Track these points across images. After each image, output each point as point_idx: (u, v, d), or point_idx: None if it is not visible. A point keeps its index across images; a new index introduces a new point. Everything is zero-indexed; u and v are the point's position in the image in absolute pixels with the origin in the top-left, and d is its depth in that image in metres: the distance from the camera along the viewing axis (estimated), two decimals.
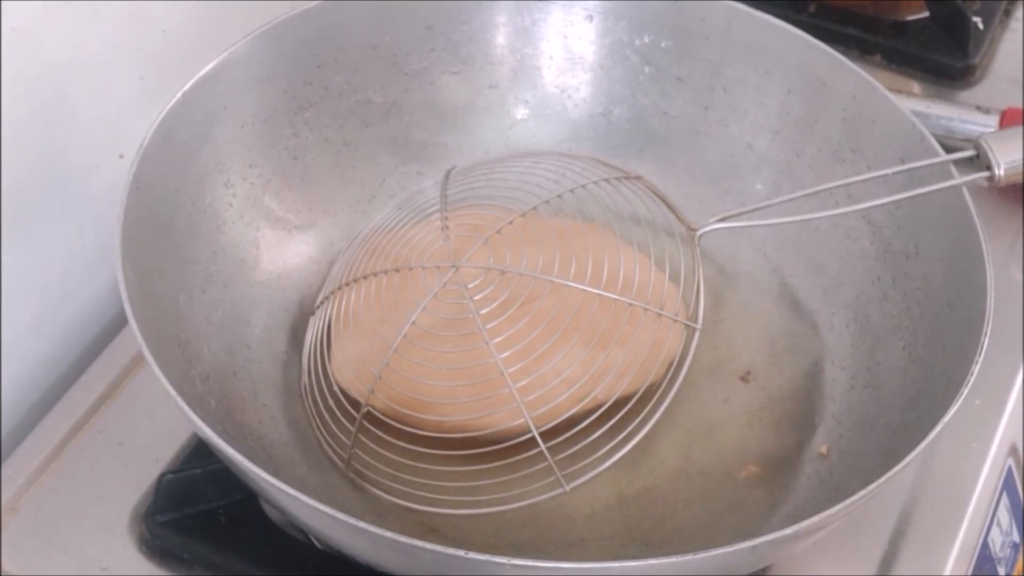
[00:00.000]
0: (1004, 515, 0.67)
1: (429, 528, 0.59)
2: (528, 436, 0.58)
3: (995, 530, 0.66)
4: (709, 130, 0.71)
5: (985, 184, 0.58)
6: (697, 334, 0.60)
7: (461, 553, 0.47)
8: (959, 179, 0.59)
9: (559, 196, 0.62)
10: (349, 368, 0.62)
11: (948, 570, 0.62)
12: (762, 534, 0.49)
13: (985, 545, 0.65)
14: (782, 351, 0.67)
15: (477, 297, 0.60)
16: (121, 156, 0.69)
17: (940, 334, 0.60)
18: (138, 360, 0.67)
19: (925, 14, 0.87)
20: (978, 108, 0.79)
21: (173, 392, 0.51)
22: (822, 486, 0.60)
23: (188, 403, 0.51)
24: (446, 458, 0.59)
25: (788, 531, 0.49)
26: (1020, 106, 0.79)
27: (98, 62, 0.67)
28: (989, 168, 0.57)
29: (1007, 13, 0.90)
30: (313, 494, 0.49)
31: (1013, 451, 0.68)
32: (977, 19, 0.85)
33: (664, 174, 0.72)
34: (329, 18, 0.68)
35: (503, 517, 0.59)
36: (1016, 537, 0.69)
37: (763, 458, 0.62)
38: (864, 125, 0.67)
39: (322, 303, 0.65)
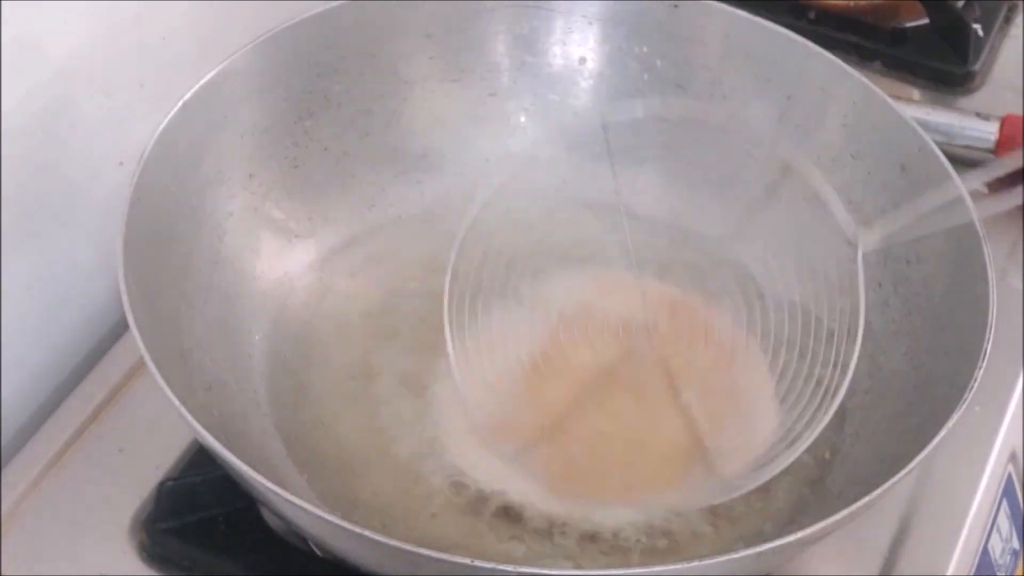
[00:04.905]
0: (1004, 522, 0.67)
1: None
2: None
3: (995, 537, 0.66)
4: (708, 137, 0.71)
5: None
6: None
7: (467, 561, 0.47)
8: None
9: None
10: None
11: None
12: (766, 541, 0.49)
13: (985, 552, 0.65)
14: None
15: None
16: (121, 163, 0.69)
17: (942, 340, 0.60)
18: (138, 367, 0.67)
19: (925, 21, 0.87)
20: (978, 115, 0.79)
21: (177, 403, 0.51)
22: (825, 491, 0.60)
23: (192, 413, 0.51)
24: None
25: (792, 538, 0.49)
26: (1020, 113, 0.79)
27: (98, 69, 0.67)
28: None
29: (1007, 20, 0.90)
30: (316, 504, 0.49)
31: (1013, 458, 0.68)
32: (977, 26, 0.85)
33: (663, 182, 0.72)
34: (329, 27, 0.68)
35: None
36: (1016, 544, 0.69)
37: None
38: (864, 131, 0.67)
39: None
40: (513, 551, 0.58)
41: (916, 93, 0.84)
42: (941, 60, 0.85)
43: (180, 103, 0.62)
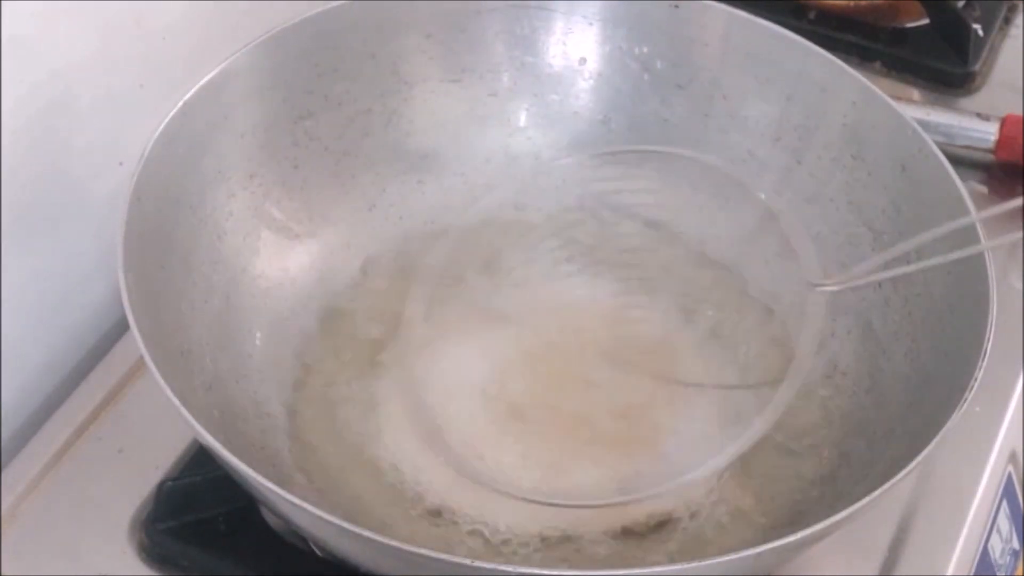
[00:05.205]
0: (1004, 522, 0.67)
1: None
2: None
3: (995, 537, 0.66)
4: (709, 137, 0.71)
5: None
6: None
7: (467, 561, 0.47)
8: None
9: None
10: None
11: None
12: (765, 541, 0.49)
13: (985, 552, 0.65)
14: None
15: None
16: (121, 163, 0.69)
17: (942, 340, 0.60)
18: (138, 367, 0.67)
19: (925, 21, 0.87)
20: (978, 115, 0.79)
21: (177, 403, 0.51)
22: (824, 492, 0.60)
23: (192, 413, 0.51)
24: None
25: (792, 539, 0.49)
26: (1020, 113, 0.79)
27: (98, 70, 0.67)
28: None
29: (1007, 20, 0.90)
30: (316, 504, 0.49)
31: (1013, 458, 0.68)
32: (977, 26, 0.85)
33: (663, 182, 0.72)
34: (329, 27, 0.68)
35: None
36: (1016, 544, 0.69)
37: (763, 464, 0.62)
38: (864, 131, 0.67)
39: None
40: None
41: (916, 93, 0.84)
42: (941, 60, 0.85)
43: (180, 103, 0.62)
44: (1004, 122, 0.78)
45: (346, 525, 0.48)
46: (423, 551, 0.47)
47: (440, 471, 0.61)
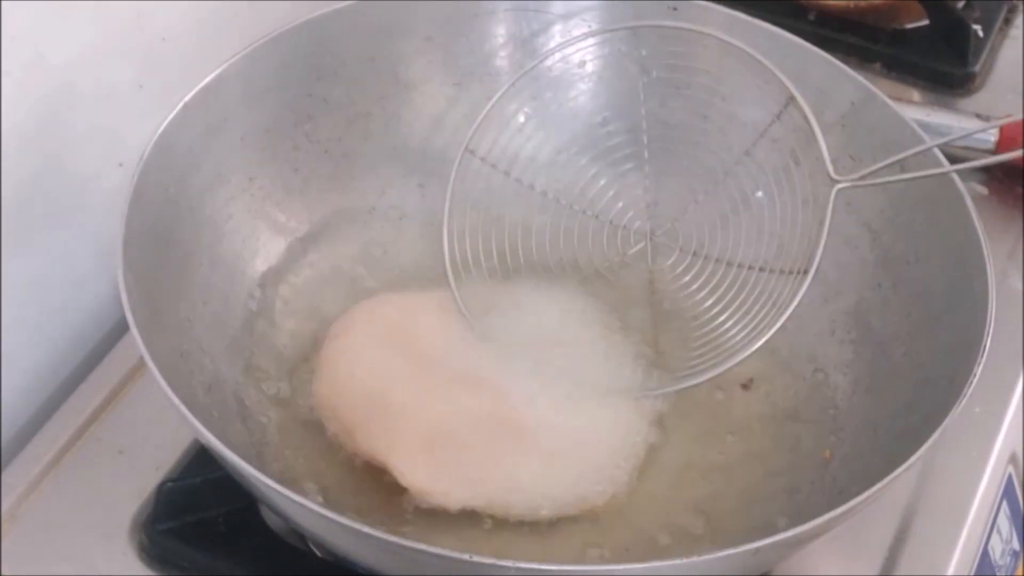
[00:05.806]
0: (1004, 523, 0.67)
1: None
2: None
3: (995, 538, 0.66)
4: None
5: None
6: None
7: (465, 557, 0.47)
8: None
9: None
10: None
11: None
12: (765, 537, 0.49)
13: (985, 553, 0.65)
14: (784, 357, 0.67)
15: None
16: (121, 164, 0.69)
17: (941, 340, 0.60)
18: (137, 368, 0.67)
19: (925, 22, 0.87)
20: (978, 116, 0.79)
21: (178, 402, 0.51)
22: (824, 491, 0.60)
23: (192, 413, 0.51)
24: None
25: (791, 533, 0.50)
26: (1020, 114, 0.78)
27: (98, 71, 0.67)
28: None
29: (1007, 21, 0.90)
30: (315, 502, 0.50)
31: (1013, 459, 0.68)
32: (977, 27, 0.85)
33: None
34: (329, 30, 0.68)
35: None
36: (1016, 545, 0.69)
37: (763, 464, 0.62)
38: (863, 132, 0.67)
39: None
40: None
41: (916, 94, 0.84)
42: (941, 61, 0.86)
43: (180, 104, 0.62)
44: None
45: (347, 522, 0.48)
46: (422, 547, 0.47)
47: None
